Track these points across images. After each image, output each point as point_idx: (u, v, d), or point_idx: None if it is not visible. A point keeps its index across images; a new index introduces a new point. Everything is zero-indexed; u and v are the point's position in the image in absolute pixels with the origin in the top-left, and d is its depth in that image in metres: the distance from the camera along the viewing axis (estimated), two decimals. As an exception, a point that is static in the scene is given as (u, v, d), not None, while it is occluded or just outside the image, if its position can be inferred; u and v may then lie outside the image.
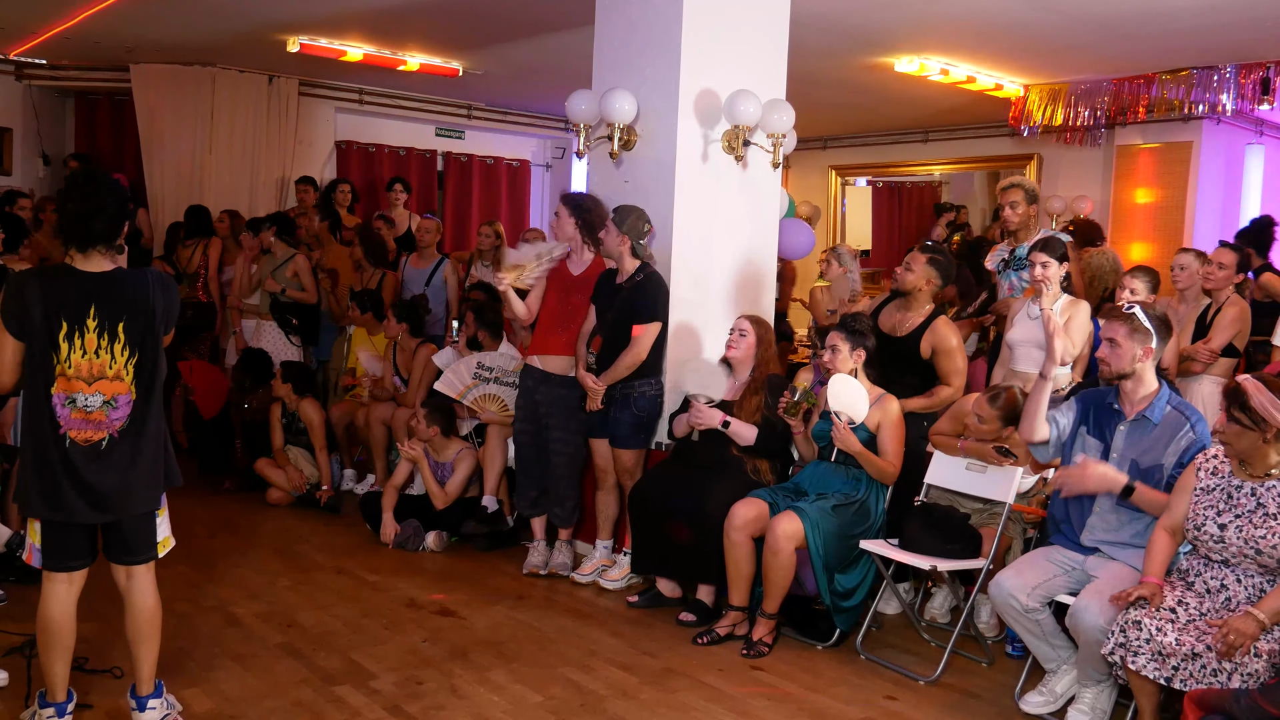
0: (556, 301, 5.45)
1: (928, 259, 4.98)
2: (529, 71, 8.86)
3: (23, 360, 3.29)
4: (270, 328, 7.69)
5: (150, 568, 3.51)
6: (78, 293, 3.29)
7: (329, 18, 7.44)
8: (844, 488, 4.62)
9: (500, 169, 11.65)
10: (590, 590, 5.26)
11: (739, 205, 5.62)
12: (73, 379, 3.27)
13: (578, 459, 5.42)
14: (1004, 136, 9.80)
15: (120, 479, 3.34)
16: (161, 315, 3.41)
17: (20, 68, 9.41)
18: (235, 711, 3.77)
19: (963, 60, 7.89)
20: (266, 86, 9.47)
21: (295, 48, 8.11)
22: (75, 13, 7.50)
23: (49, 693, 3.45)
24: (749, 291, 5.69)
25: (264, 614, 4.76)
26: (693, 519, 4.71)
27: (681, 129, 5.38)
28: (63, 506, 3.30)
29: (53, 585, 3.40)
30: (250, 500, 6.75)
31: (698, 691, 4.08)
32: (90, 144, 9.93)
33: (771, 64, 5.68)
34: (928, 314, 4.98)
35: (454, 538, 5.97)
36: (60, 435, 3.28)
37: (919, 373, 4.97)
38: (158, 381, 3.43)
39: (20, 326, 3.26)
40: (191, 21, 7.60)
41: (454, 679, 4.11)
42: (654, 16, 5.45)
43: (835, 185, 11.88)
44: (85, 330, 3.27)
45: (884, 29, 6.96)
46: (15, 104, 9.55)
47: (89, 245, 3.33)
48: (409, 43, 8.27)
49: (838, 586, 4.49)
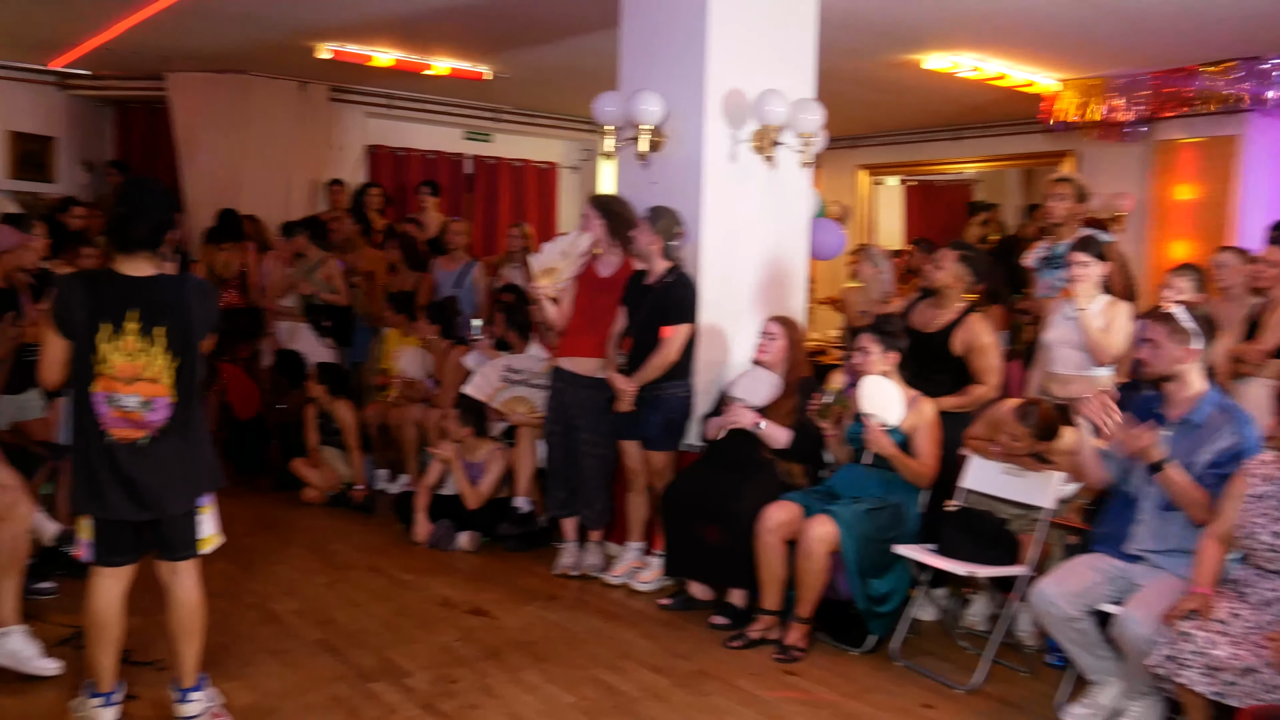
0: (585, 303, 5.47)
1: (958, 256, 4.95)
2: (556, 74, 8.89)
3: (69, 360, 3.38)
4: (305, 330, 7.77)
5: (193, 564, 3.58)
6: (118, 296, 3.36)
7: (358, 24, 7.51)
8: (878, 491, 4.59)
9: (528, 172, 11.70)
10: (622, 592, 5.28)
11: (768, 206, 5.62)
12: (112, 378, 3.34)
13: (607, 460, 5.43)
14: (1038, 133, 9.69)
15: (159, 478, 3.41)
16: (199, 321, 3.47)
17: (63, 78, 9.57)
18: (274, 705, 3.82)
19: (994, 56, 7.83)
20: (298, 92, 9.56)
21: (326, 54, 8.18)
22: (115, 24, 7.61)
23: (97, 683, 3.53)
24: (778, 293, 5.68)
25: (301, 611, 4.82)
26: (725, 522, 4.71)
27: (709, 130, 5.38)
28: (105, 503, 3.39)
29: (100, 579, 3.48)
30: (286, 499, 6.83)
31: (730, 695, 4.08)
32: (129, 151, 10.08)
33: (800, 63, 5.66)
34: (960, 310, 4.95)
35: (486, 538, 6.01)
36: (102, 433, 3.36)
37: (950, 370, 4.92)
38: (196, 385, 3.50)
39: (67, 327, 3.35)
40: (225, 31, 7.70)
41: (487, 678, 4.14)
42: (680, 17, 5.45)
43: (866, 185, 11.83)
44: (125, 332, 3.35)
45: (913, 26, 6.93)
46: (58, 114, 9.72)
47: (130, 249, 3.41)
48: (437, 48, 8.33)
49: (872, 591, 4.46)
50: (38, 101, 9.56)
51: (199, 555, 3.59)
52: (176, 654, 3.58)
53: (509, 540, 5.94)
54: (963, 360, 4.92)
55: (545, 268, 5.48)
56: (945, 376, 4.90)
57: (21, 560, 4.01)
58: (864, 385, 4.53)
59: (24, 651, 3.90)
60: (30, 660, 3.89)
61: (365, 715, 3.79)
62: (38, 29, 7.95)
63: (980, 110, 9.69)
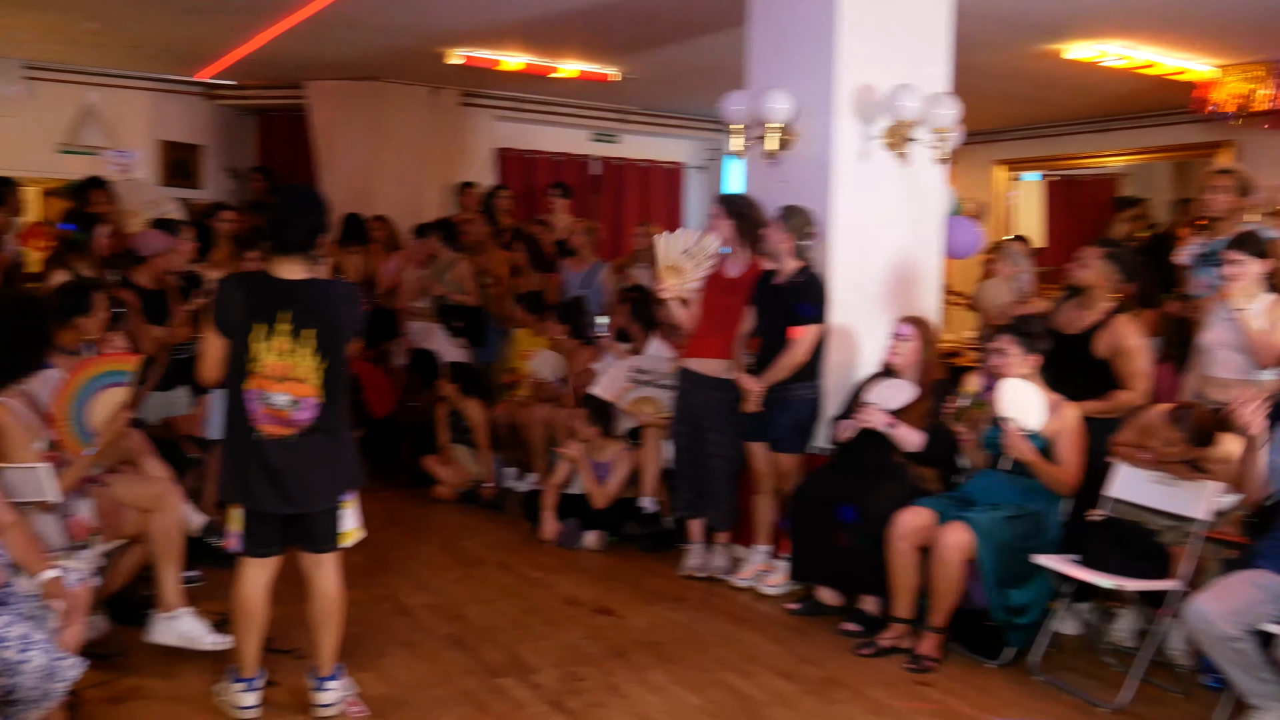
0: (713, 304, 5.43)
1: (1104, 254, 4.74)
2: (683, 74, 8.87)
3: (225, 358, 3.52)
4: (437, 330, 7.91)
5: (335, 557, 3.70)
6: (273, 297, 3.49)
7: (488, 30, 7.62)
8: (1017, 498, 4.41)
9: (655, 172, 11.71)
10: (749, 595, 5.22)
11: (900, 203, 5.49)
12: (264, 377, 3.46)
13: (734, 462, 5.38)
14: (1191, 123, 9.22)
15: (304, 474, 3.53)
16: (346, 325, 3.59)
17: (209, 89, 9.98)
18: (405, 697, 3.90)
19: (1143, 43, 7.49)
20: (430, 98, 9.75)
21: (456, 60, 8.33)
22: (257, 36, 7.90)
23: (240, 669, 3.67)
24: (911, 293, 5.54)
25: (432, 605, 4.90)
26: (855, 526, 4.61)
27: (840, 126, 5.29)
28: (252, 496, 3.52)
29: (247, 569, 3.62)
30: (417, 496, 6.97)
31: (860, 704, 3.99)
32: (271, 158, 10.43)
33: (935, 57, 5.52)
34: (1105, 311, 4.74)
35: (612, 537, 6.02)
36: (252, 429, 3.49)
37: (1093, 374, 4.69)
38: (342, 387, 3.60)
39: (225, 326, 3.49)
40: (360, 40, 7.90)
41: (613, 677, 4.14)
42: (810, 13, 5.37)
43: (1003, 180, 11.48)
44: (277, 333, 3.47)
45: (1055, 15, 6.69)
46: (205, 123, 10.15)
47: (286, 252, 3.53)
48: (565, 50, 8.40)
49: (1010, 602, 4.30)
50: (186, 112, 9.99)
51: (341, 549, 3.69)
52: (315, 643, 3.70)
53: (638, 541, 5.94)
54: (1106, 364, 4.70)
55: (670, 265, 5.46)
56: (1088, 380, 4.67)
57: (178, 548, 4.18)
58: (1003, 388, 4.37)
59: (195, 631, 4.08)
60: (203, 638, 4.07)
61: (493, 710, 3.82)
62: (187, 43, 8.30)
63: (1126, 100, 9.30)
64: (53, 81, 9.18)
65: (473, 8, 6.98)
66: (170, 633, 4.07)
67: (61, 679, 2.96)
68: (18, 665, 2.88)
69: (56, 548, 3.69)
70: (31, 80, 9.09)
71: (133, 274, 5.46)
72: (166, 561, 4.12)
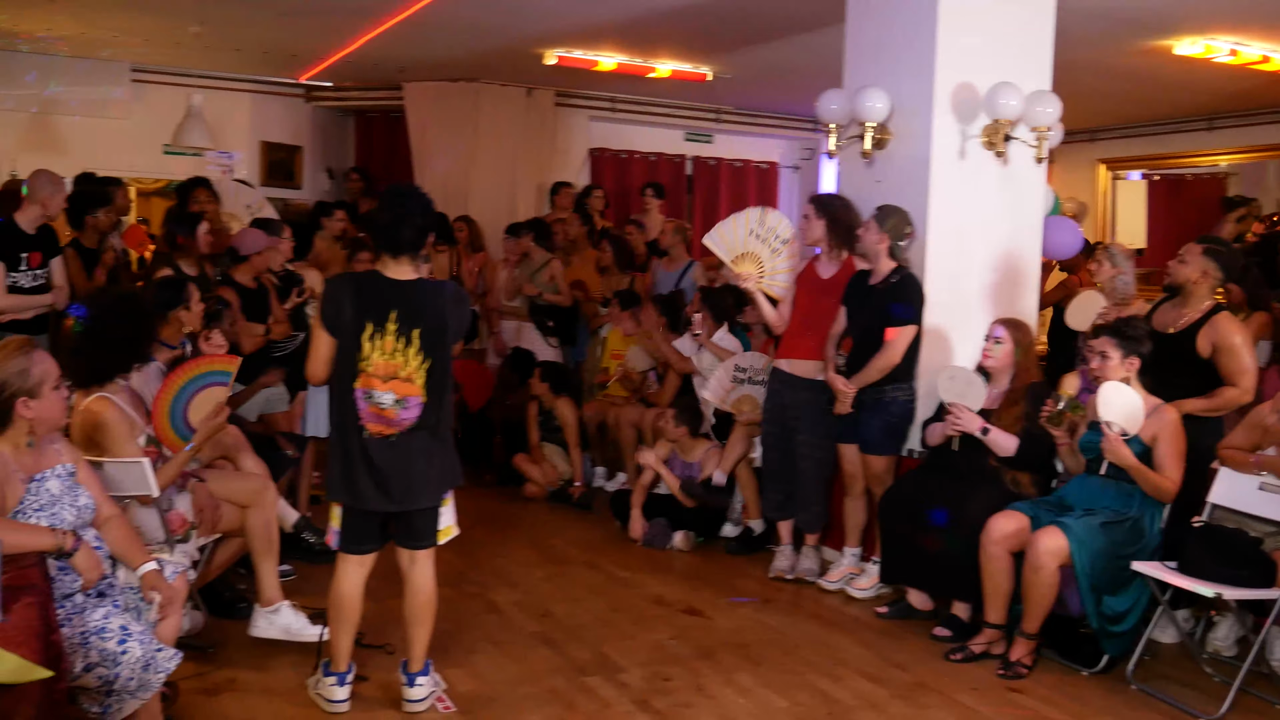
0: (806, 305, 5.39)
1: (1204, 249, 4.61)
2: (778, 73, 8.82)
3: (334, 357, 3.58)
4: (529, 329, 7.99)
5: (431, 554, 3.76)
6: (382, 297, 3.56)
7: (584, 30, 7.66)
8: (1115, 504, 4.31)
9: (749, 172, 11.66)
10: (838, 598, 5.17)
11: (998, 203, 5.39)
12: (371, 376, 3.52)
13: (825, 464, 5.33)
14: (1304, 121, 8.91)
15: (407, 473, 3.59)
16: (454, 327, 3.65)
17: (309, 91, 10.22)
18: (494, 694, 3.94)
19: (1256, 39, 7.24)
20: (525, 98, 9.84)
21: (552, 60, 8.39)
22: (356, 38, 8.07)
23: (333, 663, 3.74)
24: (1008, 294, 5.43)
25: (520, 603, 4.95)
26: (947, 530, 4.54)
27: (937, 125, 5.21)
28: (357, 493, 3.59)
29: (346, 565, 3.70)
30: (508, 494, 7.05)
31: (950, 709, 3.93)
32: (368, 159, 10.64)
33: (1036, 54, 5.41)
34: (1206, 309, 4.60)
35: (700, 538, 6.02)
36: (359, 427, 3.56)
37: (1194, 374, 4.56)
38: (447, 387, 3.66)
39: (334, 325, 3.55)
40: (458, 41, 8.01)
41: (700, 678, 4.14)
42: (909, 10, 5.30)
43: (1105, 180, 11.18)
44: (384, 332, 3.53)
45: (1164, 10, 6.49)
46: (304, 124, 10.39)
47: (398, 252, 3.59)
48: (660, 50, 8.41)
49: (1106, 609, 4.20)
50: (286, 113, 10.25)
51: (437, 545, 3.74)
52: (408, 639, 3.76)
53: (730, 543, 5.92)
54: (1209, 364, 4.56)
55: (742, 253, 5.43)
56: (1188, 381, 4.56)
57: (275, 543, 4.27)
58: (1102, 392, 4.26)
59: (295, 623, 4.17)
60: (303, 630, 4.16)
61: (580, 709, 3.85)
62: (287, 45, 8.51)
63: (1236, 97, 8.99)
64: (158, 84, 9.50)
65: (569, 8, 7.03)
66: (273, 627, 4.16)
67: (158, 670, 3.01)
68: (117, 656, 2.95)
69: (155, 541, 3.78)
70: (138, 83, 9.42)
71: (233, 272, 5.60)
72: (264, 557, 4.21)
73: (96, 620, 2.99)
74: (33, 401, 3.02)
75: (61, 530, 2.96)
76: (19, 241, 5.52)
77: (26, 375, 3.01)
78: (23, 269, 5.49)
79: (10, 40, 8.46)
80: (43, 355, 3.09)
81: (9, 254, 5.46)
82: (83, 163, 7.68)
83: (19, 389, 3.00)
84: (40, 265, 5.57)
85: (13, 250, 5.49)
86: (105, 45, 8.56)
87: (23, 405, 3.01)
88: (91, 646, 2.95)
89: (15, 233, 5.52)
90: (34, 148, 8.79)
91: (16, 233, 5.52)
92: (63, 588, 3.03)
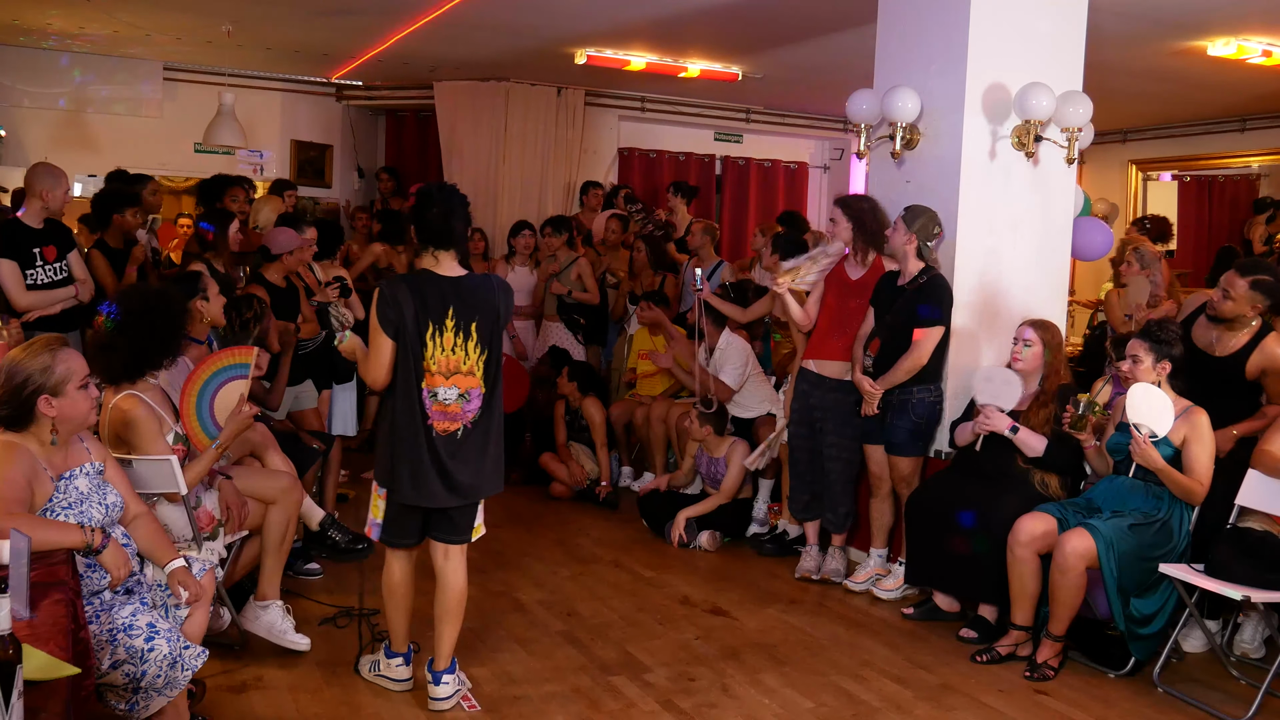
0: (835, 306, 5.38)
1: (1250, 283, 4.52)
2: (808, 73, 8.80)
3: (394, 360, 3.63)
4: (558, 328, 8.00)
5: (464, 550, 3.82)
6: (438, 294, 3.61)
7: (614, 30, 7.67)
8: (1143, 505, 4.29)
9: (778, 171, 11.64)
10: (863, 599, 5.16)
11: (1029, 204, 5.36)
12: (435, 374, 3.58)
13: (852, 464, 5.32)
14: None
15: (473, 466, 3.67)
16: (505, 315, 3.73)
17: (340, 89, 10.29)
18: (519, 692, 3.95)
19: (1289, 40, 7.17)
20: (555, 98, 9.87)
21: (582, 60, 8.41)
22: (387, 37, 8.12)
23: (393, 644, 3.88)
24: (1039, 295, 5.40)
25: (546, 602, 4.96)
26: (974, 532, 4.52)
27: (968, 126, 5.19)
28: (429, 492, 3.65)
29: (393, 556, 3.82)
30: (534, 493, 7.06)
31: (976, 711, 3.92)
32: (398, 158, 10.71)
33: (1067, 54, 5.38)
34: (1255, 331, 4.57)
35: (727, 538, 6.01)
36: (428, 426, 3.61)
37: (1241, 395, 4.56)
38: (499, 378, 3.72)
39: (395, 328, 3.59)
40: (488, 40, 8.04)
41: (725, 678, 4.14)
42: (940, 11, 5.28)
43: (1136, 181, 11.09)
44: (444, 329, 3.59)
45: (1197, 10, 6.43)
46: (335, 123, 10.46)
47: (450, 246, 3.65)
48: (690, 50, 8.41)
49: (1134, 612, 4.18)
50: (317, 112, 10.33)
51: (469, 541, 3.79)
52: (437, 635, 3.80)
53: (763, 546, 5.91)
54: (1255, 385, 4.56)
55: (790, 267, 5.45)
56: (1236, 403, 4.57)
57: (288, 543, 4.31)
58: (1131, 394, 4.23)
59: (280, 625, 4.19)
60: (285, 634, 4.18)
61: (605, 708, 3.86)
62: (319, 44, 8.58)
63: (1269, 99, 8.90)
64: (190, 83, 9.61)
65: (600, 8, 7.04)
66: (258, 622, 4.18)
67: (185, 668, 3.03)
68: (144, 653, 2.96)
69: (183, 539, 3.82)
70: (170, 81, 9.52)
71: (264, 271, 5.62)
72: (273, 553, 4.24)
73: (124, 617, 3.01)
74: (55, 400, 3.02)
75: (90, 527, 2.98)
76: (28, 237, 5.44)
77: (50, 372, 3.01)
78: (39, 264, 5.43)
79: (43, 38, 8.57)
80: (69, 354, 3.10)
81: (21, 251, 5.40)
82: (115, 160, 7.78)
83: (41, 386, 3.00)
84: (57, 259, 5.51)
85: (24, 246, 5.41)
86: (137, 44, 8.66)
87: (45, 403, 3.01)
88: (119, 644, 2.96)
89: (22, 229, 5.45)
90: (66, 145, 8.90)
91: (23, 229, 5.45)
92: (91, 585, 3.05)
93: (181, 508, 3.81)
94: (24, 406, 3.01)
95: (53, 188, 5.52)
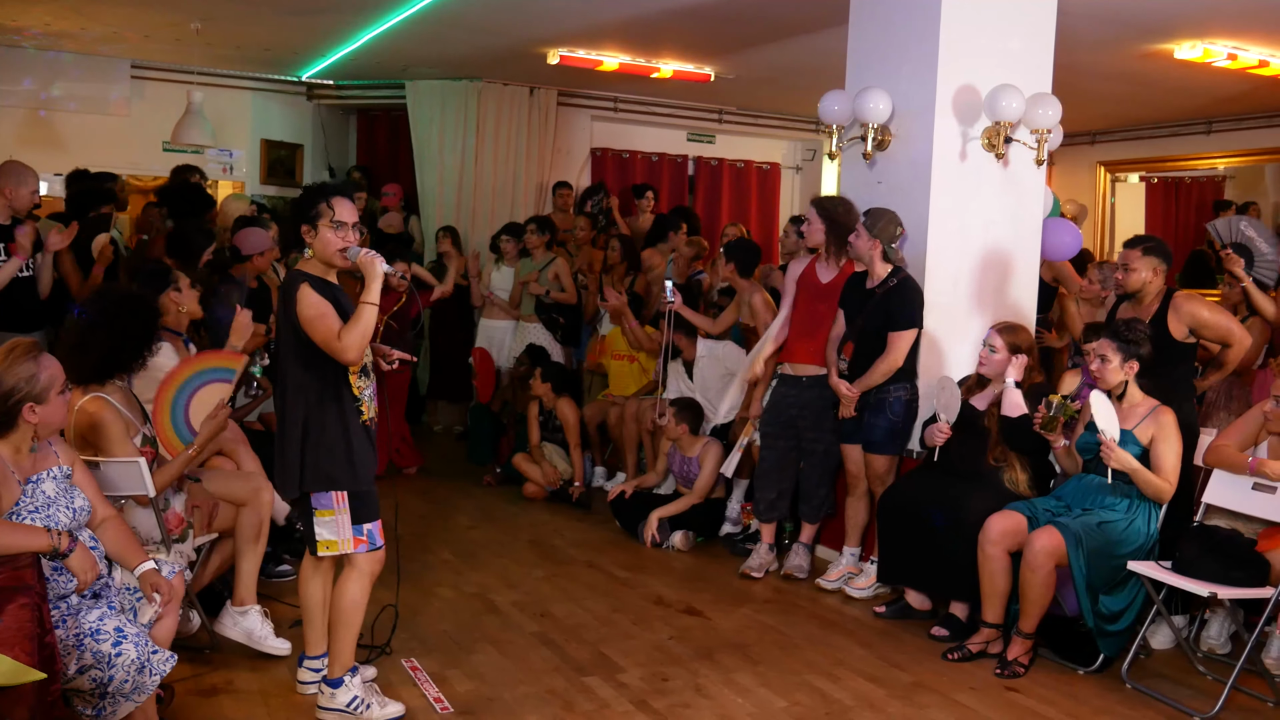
0: (805, 309, 5.41)
1: (1142, 250, 4.72)
2: (780, 74, 8.83)
3: None
4: (536, 329, 7.99)
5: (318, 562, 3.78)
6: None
7: (587, 30, 7.67)
8: (1111, 503, 4.33)
9: (750, 172, 11.67)
10: (836, 598, 5.18)
11: (999, 205, 5.40)
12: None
13: (830, 457, 5.36)
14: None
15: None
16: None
17: (310, 88, 10.21)
18: (492, 694, 3.94)
19: (1254, 43, 7.25)
20: (528, 98, 9.84)
21: (555, 60, 8.40)
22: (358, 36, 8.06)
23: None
24: (1009, 295, 5.45)
25: (520, 603, 4.95)
26: (946, 530, 4.55)
27: (939, 127, 5.22)
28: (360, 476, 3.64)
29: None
30: (507, 493, 7.05)
31: (948, 709, 3.94)
32: (370, 157, 10.65)
33: (1037, 57, 5.42)
34: (1161, 294, 4.70)
35: (700, 538, 6.02)
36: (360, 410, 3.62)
37: (1174, 362, 4.63)
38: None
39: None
40: (461, 39, 8.00)
41: (699, 678, 4.14)
42: (911, 13, 5.31)
43: (1104, 182, 11.19)
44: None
45: (1163, 13, 6.49)
46: (306, 122, 10.37)
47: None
48: (663, 50, 8.42)
49: (1102, 609, 4.22)
50: (288, 111, 10.23)
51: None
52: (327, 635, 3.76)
53: (735, 546, 5.91)
54: (1192, 347, 4.70)
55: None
56: (1183, 368, 4.70)
57: (261, 544, 4.26)
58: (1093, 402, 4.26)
59: (259, 630, 4.14)
60: (265, 639, 4.14)
61: (579, 708, 3.85)
62: (289, 42, 8.50)
63: (1234, 101, 9.01)
64: (158, 81, 9.47)
65: (572, 8, 7.03)
66: (236, 628, 4.13)
67: (154, 672, 2.99)
68: (111, 658, 2.93)
69: (152, 541, 3.77)
70: (138, 80, 9.40)
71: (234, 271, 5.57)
72: (247, 555, 4.19)
73: (91, 622, 2.97)
74: (39, 407, 3.00)
75: (56, 531, 2.93)
76: None
77: (35, 380, 2.99)
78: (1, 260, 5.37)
79: (10, 36, 8.46)
80: (49, 359, 3.07)
81: None
82: (82, 159, 7.69)
83: (27, 394, 2.98)
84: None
85: None
86: (105, 41, 8.56)
87: (29, 411, 2.99)
88: (86, 648, 2.92)
89: None
90: (33, 144, 8.76)
91: None
92: (57, 589, 3.02)
93: (150, 510, 3.77)
94: (8, 415, 2.98)
95: (17, 186, 5.45)
